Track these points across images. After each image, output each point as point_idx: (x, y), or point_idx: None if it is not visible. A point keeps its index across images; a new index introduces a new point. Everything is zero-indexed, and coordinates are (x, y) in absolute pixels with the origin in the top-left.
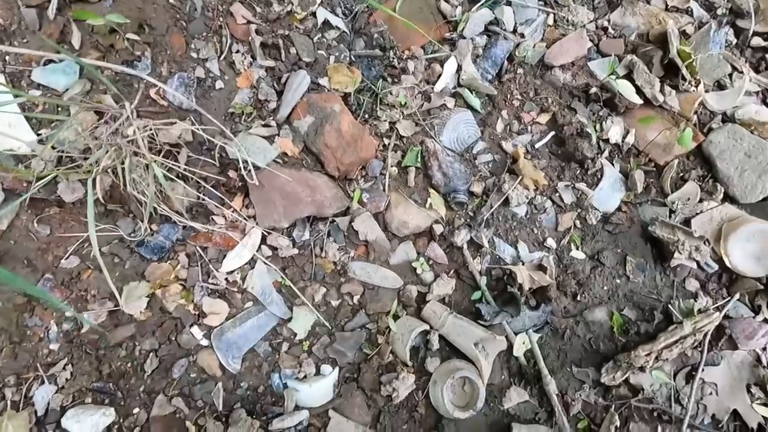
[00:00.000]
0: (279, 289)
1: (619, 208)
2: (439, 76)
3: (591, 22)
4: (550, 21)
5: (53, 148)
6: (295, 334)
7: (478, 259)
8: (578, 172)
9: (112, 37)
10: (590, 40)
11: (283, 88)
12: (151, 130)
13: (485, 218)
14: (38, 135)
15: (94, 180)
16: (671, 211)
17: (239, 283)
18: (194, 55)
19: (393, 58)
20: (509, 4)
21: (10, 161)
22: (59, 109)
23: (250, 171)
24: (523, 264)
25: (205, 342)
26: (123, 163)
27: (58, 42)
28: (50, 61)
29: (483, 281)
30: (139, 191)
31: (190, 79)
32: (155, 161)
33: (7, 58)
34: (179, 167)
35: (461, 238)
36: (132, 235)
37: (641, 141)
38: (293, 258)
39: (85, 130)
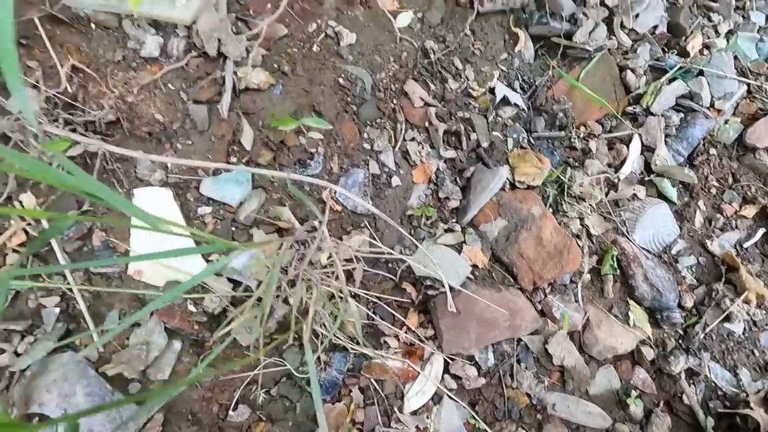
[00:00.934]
0: (472, 431)
1: None
2: (625, 159)
3: None
4: (744, 92)
5: (229, 280)
6: None
7: (693, 387)
8: None
9: (282, 132)
10: None
11: (465, 183)
12: (347, 249)
13: (701, 339)
14: (208, 262)
15: (307, 335)
16: None
17: (427, 427)
18: (367, 146)
19: (573, 138)
20: (702, 73)
21: (179, 297)
22: (233, 229)
23: (446, 295)
24: (747, 396)
25: None
26: (310, 296)
27: (228, 144)
28: (220, 169)
29: (709, 423)
30: (320, 323)
31: (366, 177)
32: (350, 287)
33: (169, 165)
34: (354, 286)
35: (680, 366)
36: (300, 369)
37: None
38: (480, 390)
39: (268, 257)
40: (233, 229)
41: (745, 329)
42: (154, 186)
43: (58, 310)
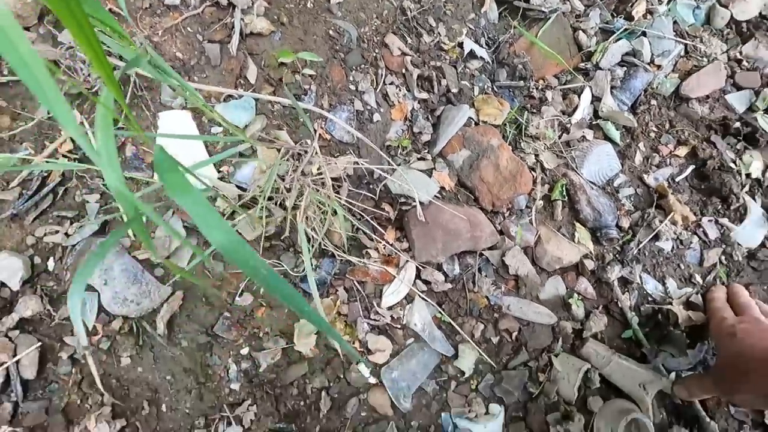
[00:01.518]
0: (439, 325)
1: (763, 244)
2: (576, 107)
3: (723, 53)
4: (682, 52)
5: (237, 186)
6: (462, 372)
7: (627, 294)
8: (720, 207)
9: (281, 71)
10: (725, 72)
11: (436, 121)
12: (335, 167)
13: (634, 254)
14: (219, 173)
15: (301, 223)
16: None
17: (400, 319)
18: (352, 87)
19: (532, 89)
20: (644, 34)
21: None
22: (240, 145)
23: (416, 206)
24: (672, 301)
25: (373, 380)
26: (304, 200)
27: (237, 78)
28: (230, 96)
29: (635, 320)
30: (310, 227)
31: (351, 112)
32: (338, 200)
33: (188, 94)
34: (341, 201)
35: (614, 274)
36: (295, 270)
37: None
38: (447, 293)
39: (268, 168)
40: (240, 146)
41: (673, 247)
42: (176, 110)
43: (98, 205)
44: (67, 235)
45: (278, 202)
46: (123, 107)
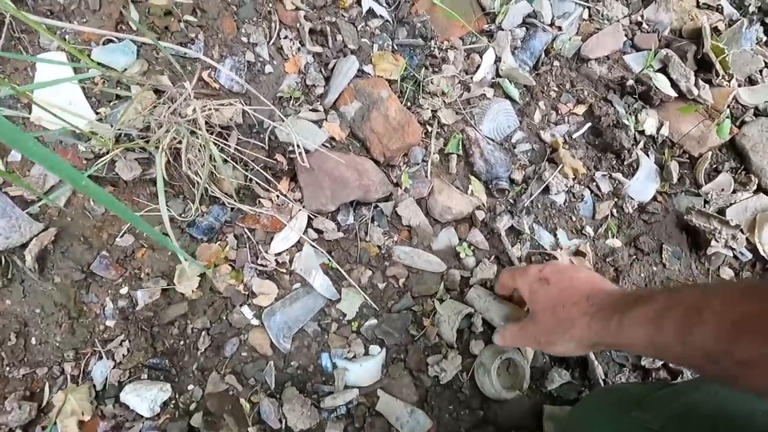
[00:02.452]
0: (326, 271)
1: (654, 198)
2: (478, 66)
3: (625, 17)
4: (585, 15)
5: (112, 126)
6: (344, 315)
7: (519, 245)
8: (614, 162)
9: (167, 19)
10: (625, 34)
11: (330, 74)
12: (210, 110)
13: (525, 205)
14: (97, 113)
15: (161, 155)
16: (706, 202)
17: (287, 265)
18: (244, 39)
19: (434, 48)
20: None
21: (69, 138)
22: (118, 88)
23: (301, 153)
24: (562, 250)
25: (255, 321)
26: (180, 142)
27: (117, 23)
28: (109, 41)
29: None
30: (193, 171)
31: (241, 63)
32: (212, 141)
33: (66, 37)
34: (230, 149)
35: (503, 224)
36: (183, 215)
37: (675, 133)
38: (338, 242)
39: (144, 109)
40: (118, 88)
41: (566, 200)
42: (52, 51)
43: None
44: None
45: (154, 142)
46: None
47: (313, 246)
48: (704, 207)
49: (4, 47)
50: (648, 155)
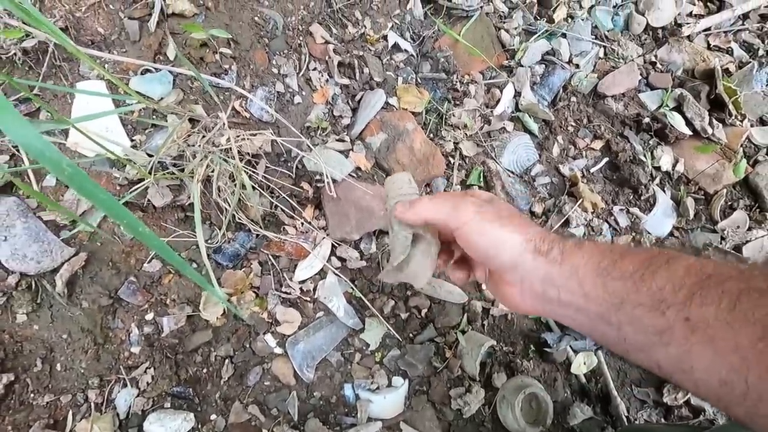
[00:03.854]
0: (349, 300)
1: (671, 233)
2: (498, 100)
3: (639, 56)
4: (602, 54)
5: (147, 154)
6: (367, 345)
7: None
8: (632, 197)
9: (203, 51)
10: (640, 73)
11: (357, 106)
12: (243, 139)
13: None
14: (132, 141)
15: (197, 185)
16: (722, 238)
17: (311, 293)
18: (275, 70)
19: (456, 82)
20: (564, 36)
21: (105, 165)
22: (154, 116)
23: (328, 183)
24: None
25: (278, 350)
26: (212, 170)
27: (155, 54)
28: (147, 70)
29: None
30: (222, 198)
31: (271, 93)
32: (243, 170)
33: (106, 66)
34: (258, 176)
35: None
36: (209, 241)
37: (690, 170)
38: (361, 270)
39: (179, 137)
40: (154, 117)
41: (585, 233)
42: (92, 80)
43: (7, 166)
44: None
45: (188, 170)
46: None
47: (337, 274)
48: (721, 243)
49: (45, 74)
50: (664, 191)
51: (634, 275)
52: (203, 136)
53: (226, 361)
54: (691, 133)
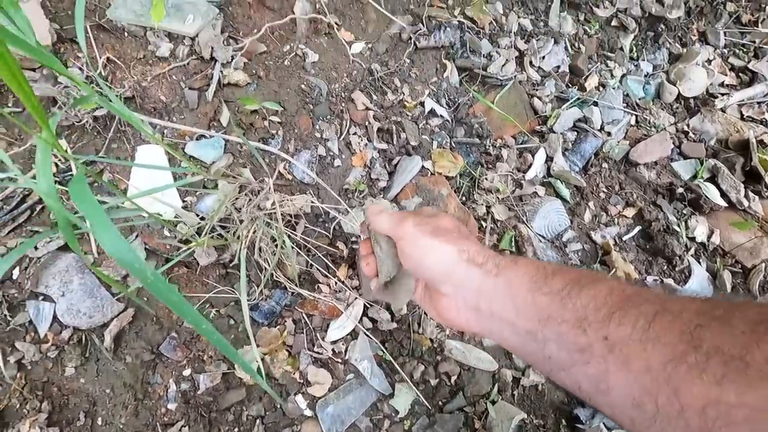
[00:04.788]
0: (380, 362)
1: None
2: (530, 165)
3: (672, 125)
4: (633, 122)
5: (197, 215)
6: (396, 412)
7: None
8: (666, 267)
9: (253, 117)
10: (672, 142)
11: (393, 169)
12: (285, 205)
13: None
14: (183, 201)
15: (243, 250)
16: None
17: (342, 354)
18: (318, 135)
19: (489, 146)
20: (596, 104)
21: (157, 224)
22: (205, 179)
23: None
24: None
25: (308, 412)
26: (255, 232)
27: (210, 120)
28: (202, 136)
29: None
30: (263, 258)
31: (314, 157)
32: (287, 234)
33: (165, 131)
34: (297, 236)
35: None
36: (248, 298)
37: (726, 242)
38: (392, 332)
39: (228, 200)
40: (205, 180)
41: None
42: (152, 144)
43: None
44: (35, 248)
45: (234, 232)
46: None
47: (368, 335)
48: None
49: (111, 139)
50: (700, 263)
51: (561, 291)
52: (250, 200)
53: (257, 421)
54: (726, 205)
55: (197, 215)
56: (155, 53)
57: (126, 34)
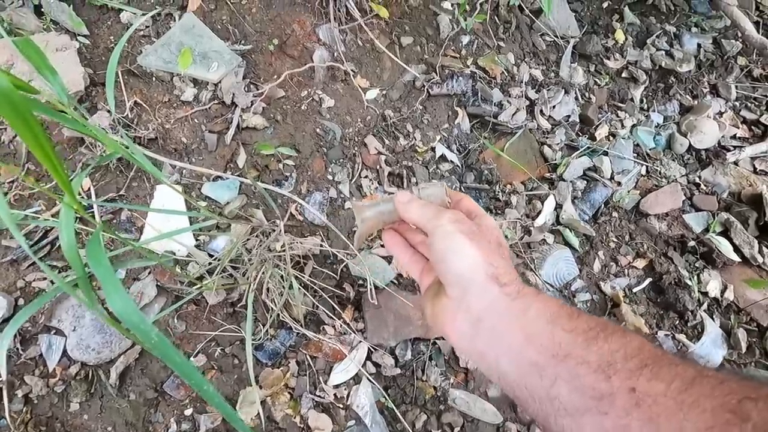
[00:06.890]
0: (381, 410)
1: (722, 365)
2: (540, 212)
3: (683, 176)
4: (644, 171)
5: (209, 254)
6: None
7: None
8: (677, 322)
9: (269, 159)
10: (684, 194)
11: None
12: (295, 247)
13: None
14: (197, 240)
15: (250, 292)
16: None
17: (344, 399)
18: (330, 177)
19: (498, 192)
20: (606, 154)
21: (170, 261)
22: (219, 221)
23: (371, 290)
24: None
25: None
26: (264, 273)
27: (227, 162)
28: (219, 177)
29: None
30: (270, 299)
31: (325, 198)
32: (294, 275)
33: (183, 172)
34: (304, 277)
35: None
36: (253, 338)
37: (740, 298)
38: (395, 378)
39: (239, 240)
40: (218, 222)
41: None
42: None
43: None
44: (51, 282)
45: (243, 273)
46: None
47: (371, 381)
48: None
49: (132, 177)
50: (713, 318)
51: (588, 332)
52: (261, 241)
53: None
54: (740, 260)
55: (209, 255)
56: (180, 97)
57: (154, 79)
